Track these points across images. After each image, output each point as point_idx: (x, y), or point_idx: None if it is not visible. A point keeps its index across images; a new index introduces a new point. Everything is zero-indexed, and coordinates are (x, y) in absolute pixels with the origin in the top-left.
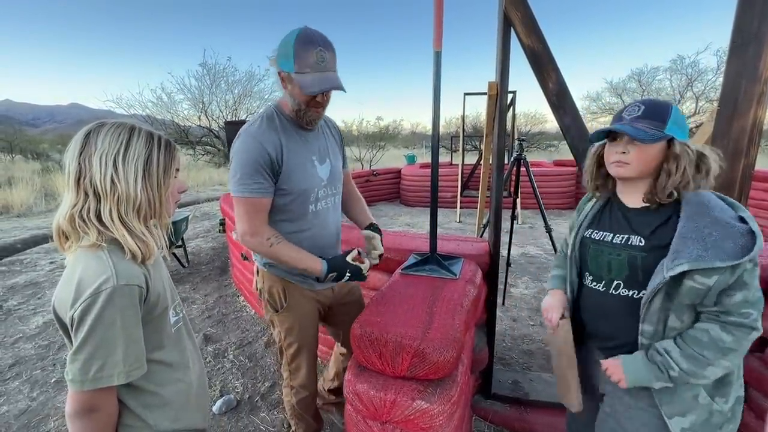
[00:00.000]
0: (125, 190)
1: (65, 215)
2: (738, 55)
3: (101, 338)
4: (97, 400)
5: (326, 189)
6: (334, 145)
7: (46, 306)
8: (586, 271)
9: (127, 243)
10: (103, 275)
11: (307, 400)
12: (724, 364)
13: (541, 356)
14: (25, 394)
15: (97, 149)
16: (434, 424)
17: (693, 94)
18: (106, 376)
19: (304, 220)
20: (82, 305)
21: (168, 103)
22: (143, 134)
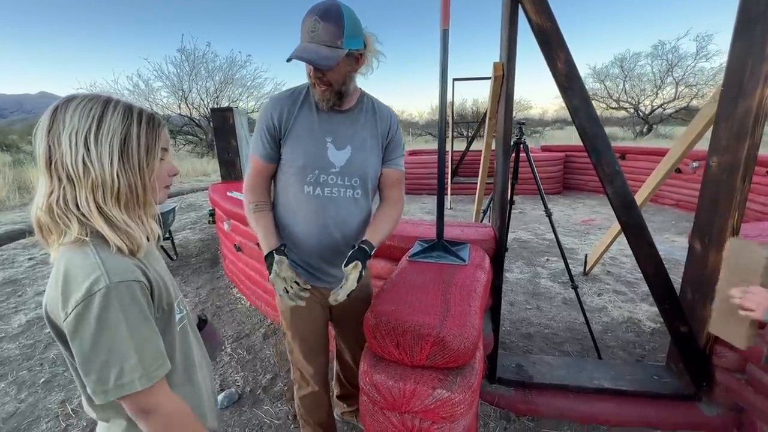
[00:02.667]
0: (100, 174)
1: (42, 205)
2: (744, 35)
3: (110, 344)
4: (145, 404)
5: (336, 177)
6: (369, 135)
7: (28, 303)
8: None
9: (108, 235)
10: (93, 275)
11: (308, 400)
12: None
13: (540, 339)
14: (13, 395)
15: (66, 127)
16: (455, 413)
17: (673, 79)
18: (128, 383)
19: (298, 201)
20: (75, 310)
21: (146, 91)
22: (119, 108)
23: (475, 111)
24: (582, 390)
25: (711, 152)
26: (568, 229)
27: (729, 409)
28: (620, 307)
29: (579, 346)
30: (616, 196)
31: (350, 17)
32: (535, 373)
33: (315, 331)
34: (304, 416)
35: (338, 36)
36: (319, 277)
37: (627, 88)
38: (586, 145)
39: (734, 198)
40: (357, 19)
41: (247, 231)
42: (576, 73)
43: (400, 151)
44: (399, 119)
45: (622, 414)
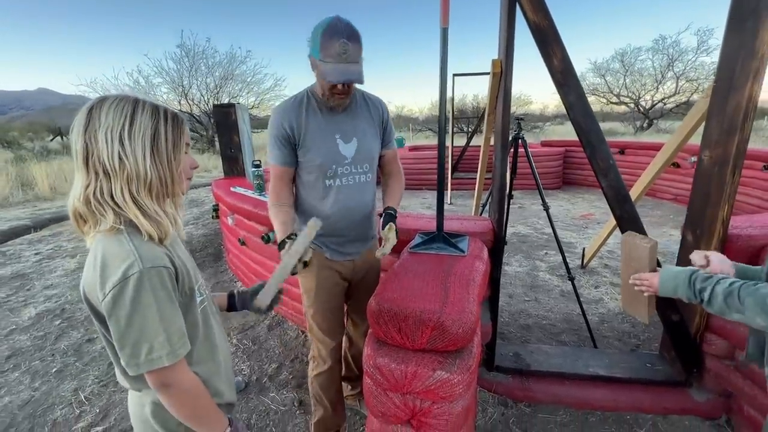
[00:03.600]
0: (134, 167)
1: (80, 197)
2: (736, 31)
3: (142, 323)
4: (166, 378)
5: (350, 167)
6: (367, 125)
7: (37, 297)
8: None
9: (141, 223)
10: (128, 260)
11: (323, 379)
12: (757, 320)
13: (538, 330)
14: (26, 384)
15: (102, 125)
16: (454, 393)
17: (674, 74)
18: (156, 358)
19: (323, 194)
20: (112, 292)
21: (146, 87)
22: (148, 107)
23: (476, 106)
24: (578, 377)
25: (703, 146)
26: (567, 223)
27: (718, 394)
28: (616, 299)
29: (576, 337)
30: (610, 189)
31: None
32: (532, 362)
33: (337, 307)
34: (317, 395)
35: (361, 52)
36: (343, 251)
37: (627, 82)
38: (581, 139)
39: (724, 191)
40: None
41: (251, 225)
42: (572, 70)
43: (393, 131)
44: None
45: (616, 400)
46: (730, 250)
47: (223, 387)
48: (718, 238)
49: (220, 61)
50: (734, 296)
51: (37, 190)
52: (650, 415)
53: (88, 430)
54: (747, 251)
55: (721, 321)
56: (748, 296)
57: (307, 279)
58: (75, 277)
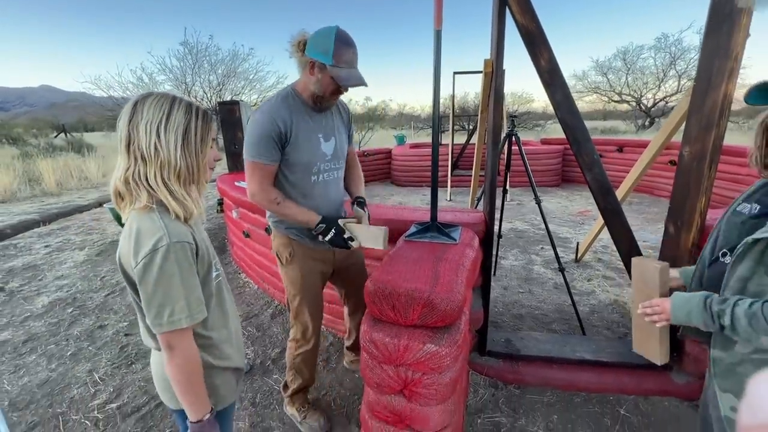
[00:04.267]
0: (167, 156)
1: (120, 177)
2: (712, 34)
3: (167, 288)
4: (173, 340)
5: (329, 163)
6: (340, 124)
7: (49, 287)
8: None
9: (170, 204)
10: (158, 234)
11: (306, 354)
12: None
13: (530, 319)
14: (44, 366)
15: (143, 118)
16: (442, 364)
17: (676, 72)
18: (177, 320)
19: (308, 189)
20: (143, 261)
21: (149, 84)
22: (183, 105)
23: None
24: (565, 361)
25: (684, 143)
26: (564, 219)
27: (697, 377)
28: (608, 291)
29: (566, 326)
30: (594, 182)
31: None
32: (522, 347)
33: (319, 293)
34: (300, 369)
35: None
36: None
37: (629, 81)
38: (567, 136)
39: (702, 184)
40: None
41: (255, 218)
42: (558, 70)
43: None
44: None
45: (601, 382)
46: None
47: (233, 352)
48: (696, 228)
49: (222, 59)
50: (759, 317)
51: (43, 185)
52: (632, 396)
53: (104, 406)
54: None
55: None
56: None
57: (292, 270)
58: (85, 269)
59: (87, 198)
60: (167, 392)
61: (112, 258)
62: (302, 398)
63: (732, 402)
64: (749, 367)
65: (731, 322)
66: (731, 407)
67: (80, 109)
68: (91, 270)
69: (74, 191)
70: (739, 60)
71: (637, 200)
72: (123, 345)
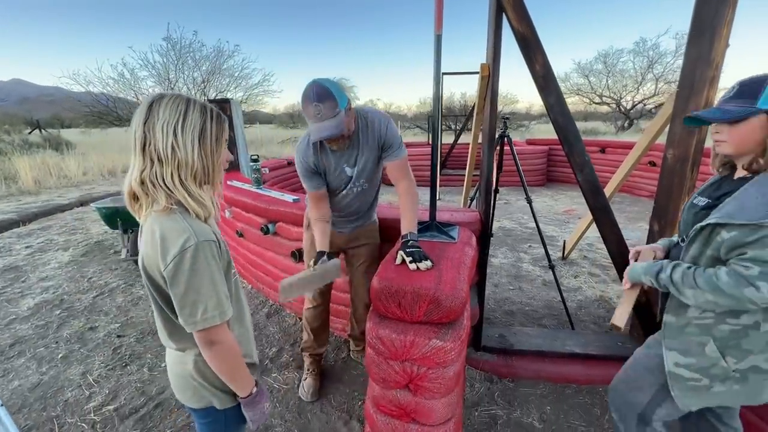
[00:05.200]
0: (184, 157)
1: (137, 178)
2: (695, 43)
3: (198, 287)
4: (213, 336)
5: (353, 183)
6: (368, 152)
7: (33, 288)
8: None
9: (189, 204)
10: (184, 234)
11: (309, 313)
12: (707, 297)
13: (521, 315)
14: (34, 369)
15: (159, 118)
16: (447, 359)
17: (653, 76)
18: (210, 317)
19: (335, 199)
20: (173, 261)
21: (130, 80)
22: (198, 106)
23: (463, 105)
24: (556, 355)
25: (668, 146)
26: (550, 218)
27: None
28: (594, 287)
29: (555, 321)
30: (585, 182)
31: (334, 87)
32: (515, 342)
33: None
34: (305, 325)
35: (335, 106)
36: (339, 228)
37: (610, 83)
38: (560, 137)
39: (685, 185)
40: (335, 82)
41: (249, 218)
42: (552, 74)
43: (396, 144)
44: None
45: (591, 374)
46: None
47: (249, 348)
48: (679, 227)
49: (207, 55)
50: (688, 275)
51: (20, 183)
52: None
53: (100, 409)
54: None
55: None
56: (698, 276)
57: (306, 236)
58: (70, 269)
59: (67, 197)
60: (186, 392)
61: (99, 258)
62: (309, 360)
63: (677, 359)
64: (694, 329)
65: (668, 276)
66: (675, 363)
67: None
68: (77, 271)
69: (53, 190)
70: (719, 68)
71: (619, 200)
72: (116, 347)
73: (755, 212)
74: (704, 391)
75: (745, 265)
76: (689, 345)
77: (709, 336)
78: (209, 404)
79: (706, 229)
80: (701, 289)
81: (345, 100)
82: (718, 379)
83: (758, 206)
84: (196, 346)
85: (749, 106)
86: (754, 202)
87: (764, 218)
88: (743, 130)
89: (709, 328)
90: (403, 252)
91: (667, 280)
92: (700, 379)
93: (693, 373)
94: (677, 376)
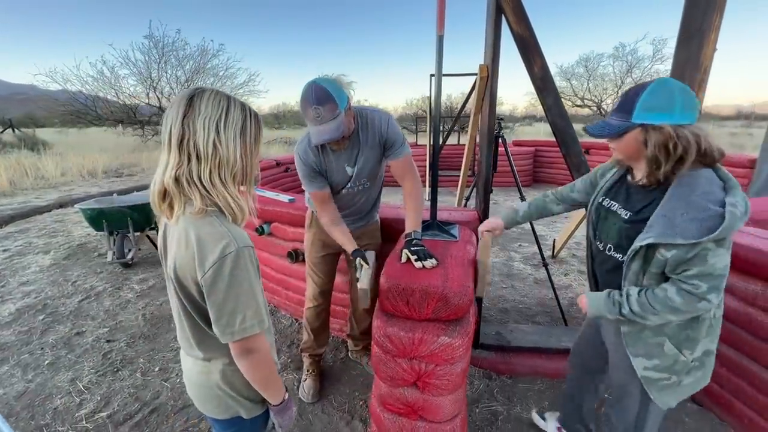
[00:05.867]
0: (225, 154)
1: (172, 175)
2: (684, 48)
3: (237, 295)
4: (251, 344)
5: (354, 181)
6: (369, 152)
7: (14, 293)
8: (596, 231)
9: (229, 205)
10: (224, 240)
11: (310, 312)
12: (668, 317)
13: (515, 313)
14: (19, 377)
15: (201, 113)
16: (455, 355)
17: (632, 80)
18: (249, 326)
19: (338, 197)
20: (212, 269)
21: (111, 79)
22: (238, 103)
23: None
24: (552, 351)
25: None
26: None
27: None
28: (583, 284)
29: (548, 318)
30: None
31: (333, 88)
32: (512, 339)
33: (328, 261)
34: (305, 324)
35: (334, 109)
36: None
37: (591, 86)
38: (557, 138)
39: None
40: (333, 81)
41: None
42: (550, 76)
43: (399, 142)
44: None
45: None
46: None
47: (274, 355)
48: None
49: (191, 54)
50: (644, 303)
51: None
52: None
53: (92, 416)
54: None
55: None
56: (654, 302)
57: (308, 235)
58: (53, 273)
59: (45, 198)
60: (210, 402)
61: (83, 262)
62: (309, 360)
63: (644, 363)
64: (649, 333)
65: (630, 310)
66: (644, 367)
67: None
68: (60, 274)
69: (30, 191)
70: (707, 72)
71: None
72: (105, 352)
73: (687, 232)
74: (676, 387)
75: (693, 284)
76: (649, 348)
77: (663, 336)
78: (235, 414)
79: (644, 248)
80: (662, 313)
81: (345, 100)
82: (683, 372)
83: (687, 224)
84: (224, 355)
85: (625, 120)
86: (681, 219)
87: (697, 237)
88: (624, 143)
89: (661, 329)
90: (407, 250)
91: (630, 314)
92: (669, 377)
93: (661, 373)
94: (649, 379)
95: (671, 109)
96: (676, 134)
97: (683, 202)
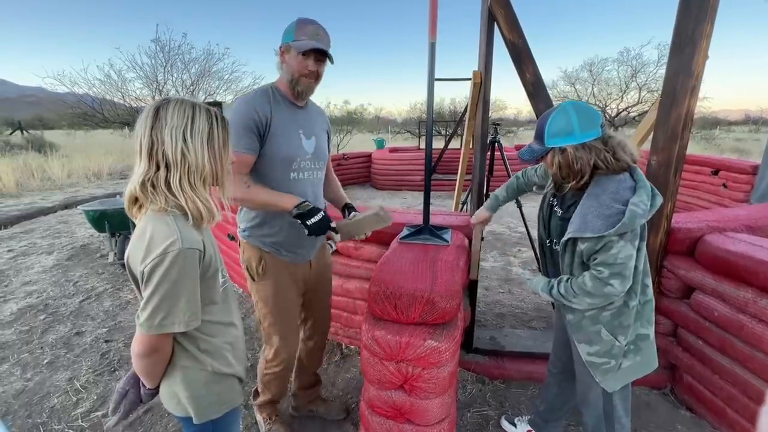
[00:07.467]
0: (194, 161)
1: (138, 182)
2: (677, 55)
3: (166, 292)
4: (159, 343)
5: (310, 162)
6: (320, 129)
7: (17, 293)
8: (546, 227)
9: (197, 206)
10: (171, 238)
11: (275, 375)
12: (586, 300)
13: (512, 318)
14: (18, 375)
15: (167, 124)
16: (442, 359)
17: (637, 85)
18: (168, 324)
19: (285, 186)
20: (151, 262)
21: (118, 82)
22: (203, 110)
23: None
24: (546, 356)
25: (652, 152)
26: (536, 222)
27: (663, 367)
28: None
29: (545, 323)
30: None
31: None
32: (506, 344)
33: (294, 315)
34: (267, 385)
35: (329, 45)
36: (301, 253)
37: (595, 91)
38: None
39: (668, 189)
40: None
41: None
42: (541, 82)
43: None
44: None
45: None
46: (673, 241)
47: (234, 360)
48: (663, 230)
49: (196, 57)
50: (568, 288)
51: (1, 186)
52: None
53: (88, 415)
54: (686, 241)
55: (666, 303)
56: (574, 286)
57: (264, 286)
58: (55, 274)
59: (51, 200)
60: (172, 400)
61: (85, 262)
62: (270, 409)
63: (587, 349)
64: (587, 321)
65: (557, 291)
66: (587, 353)
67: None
68: (62, 275)
69: (36, 192)
70: (699, 79)
71: None
72: (104, 352)
73: (595, 226)
74: (617, 370)
75: (598, 270)
76: (590, 335)
77: (599, 324)
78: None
79: (569, 241)
80: (579, 295)
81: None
82: (620, 356)
83: (596, 220)
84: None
85: (541, 145)
86: (591, 216)
87: (602, 231)
88: (548, 162)
89: (597, 317)
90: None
91: (557, 294)
92: (609, 362)
93: (601, 358)
94: (593, 363)
95: (571, 132)
96: (575, 155)
97: (595, 201)
